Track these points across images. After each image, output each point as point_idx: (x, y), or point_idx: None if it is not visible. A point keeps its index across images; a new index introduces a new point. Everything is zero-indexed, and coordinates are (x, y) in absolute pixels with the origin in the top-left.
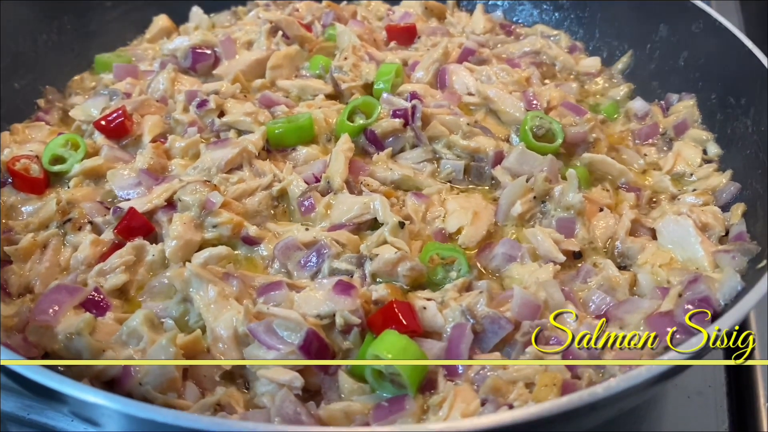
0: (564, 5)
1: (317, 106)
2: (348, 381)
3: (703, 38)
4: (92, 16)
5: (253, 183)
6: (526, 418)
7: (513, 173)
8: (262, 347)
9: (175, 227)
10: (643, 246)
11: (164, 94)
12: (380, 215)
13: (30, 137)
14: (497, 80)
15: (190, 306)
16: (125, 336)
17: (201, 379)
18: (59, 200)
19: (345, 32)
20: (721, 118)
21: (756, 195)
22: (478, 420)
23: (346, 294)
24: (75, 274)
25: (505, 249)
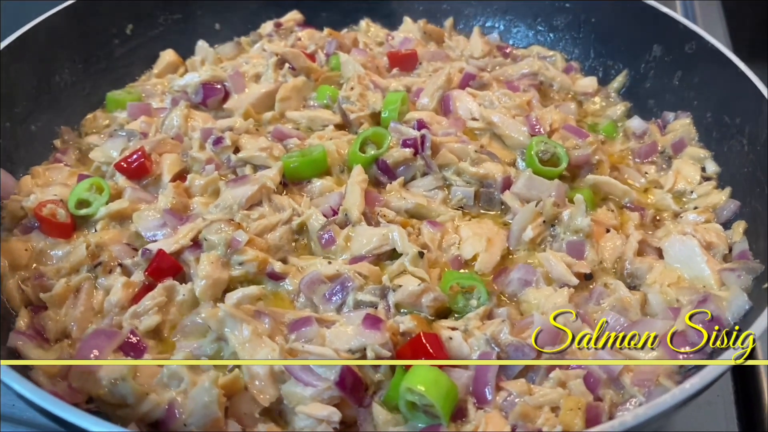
0: (558, 26)
1: (328, 137)
2: (382, 413)
3: (696, 58)
4: (101, 54)
5: (274, 218)
6: None
7: (522, 198)
8: (299, 384)
9: (204, 267)
10: (651, 266)
11: (179, 131)
12: (399, 246)
13: (51, 180)
14: (500, 105)
15: (224, 344)
16: (166, 378)
17: (241, 416)
18: (88, 244)
19: (349, 62)
20: (717, 136)
21: (755, 213)
22: None
23: (375, 328)
24: (110, 317)
25: (520, 274)
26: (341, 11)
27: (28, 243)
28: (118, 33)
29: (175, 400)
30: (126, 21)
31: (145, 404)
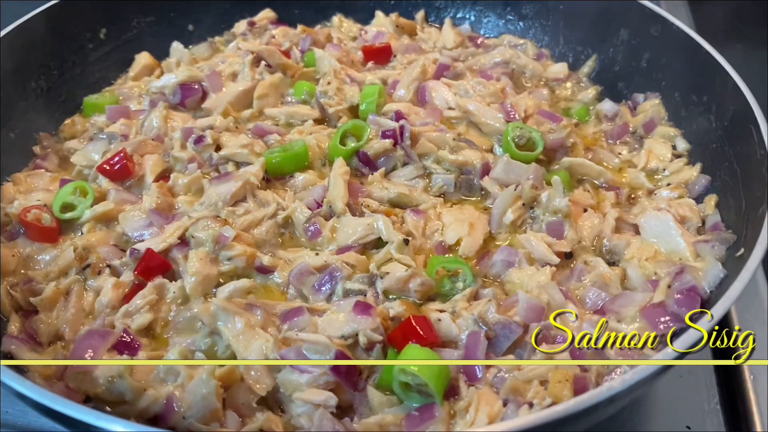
0: (528, 15)
1: (308, 132)
2: (377, 395)
3: (662, 41)
4: (75, 60)
5: (259, 213)
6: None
7: (501, 183)
8: (295, 372)
9: (193, 264)
10: (628, 242)
11: (159, 132)
12: (384, 234)
13: (33, 186)
14: (474, 93)
15: (218, 338)
16: (162, 373)
17: (239, 406)
18: (75, 247)
19: (324, 57)
20: (686, 115)
21: (726, 186)
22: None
23: (366, 314)
24: (102, 317)
25: (503, 256)
26: (313, 8)
27: (14, 249)
28: (91, 38)
29: (173, 395)
30: (99, 25)
31: (144, 400)
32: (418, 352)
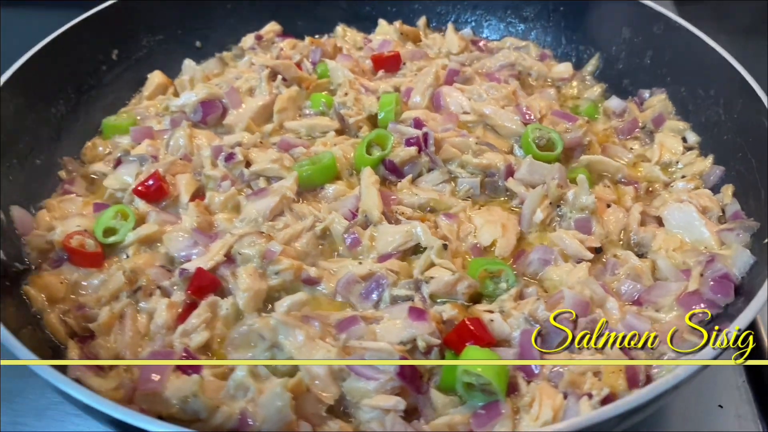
0: (529, 17)
1: (332, 143)
2: (440, 397)
3: (665, 38)
4: (91, 82)
5: (298, 226)
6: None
7: (526, 183)
8: (361, 379)
9: (243, 280)
10: (654, 234)
11: (185, 151)
12: (423, 240)
13: (67, 211)
14: (488, 97)
15: (278, 351)
16: (233, 390)
17: (309, 416)
18: (124, 270)
19: (337, 68)
20: (693, 109)
21: (740, 175)
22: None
23: (421, 319)
24: (159, 338)
25: (539, 254)
26: (316, 19)
27: (61, 276)
28: (105, 59)
29: (245, 410)
30: (111, 46)
31: (218, 417)
32: (480, 353)
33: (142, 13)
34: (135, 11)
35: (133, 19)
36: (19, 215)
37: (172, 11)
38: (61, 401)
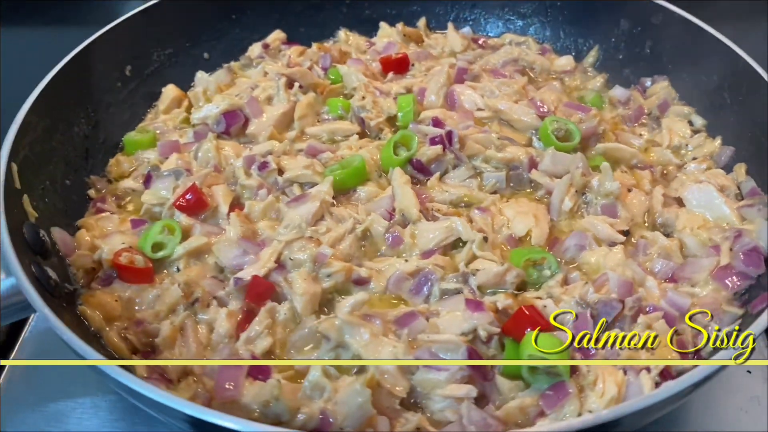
0: (526, 13)
1: (357, 146)
2: (505, 382)
3: (664, 28)
4: (109, 99)
5: (340, 229)
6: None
7: (550, 174)
8: (432, 371)
9: (299, 284)
10: (676, 214)
11: (215, 162)
12: (463, 234)
13: (105, 230)
14: (500, 93)
15: (342, 351)
16: (309, 390)
17: (384, 410)
18: (178, 283)
19: (350, 72)
20: (697, 94)
21: (751, 155)
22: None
23: (479, 310)
24: (223, 348)
25: (575, 240)
26: (318, 25)
27: (114, 294)
28: (119, 76)
29: (325, 409)
30: (125, 63)
31: (299, 418)
32: (542, 339)
33: (150, 28)
34: (144, 26)
35: (142, 34)
36: (61, 237)
37: (178, 24)
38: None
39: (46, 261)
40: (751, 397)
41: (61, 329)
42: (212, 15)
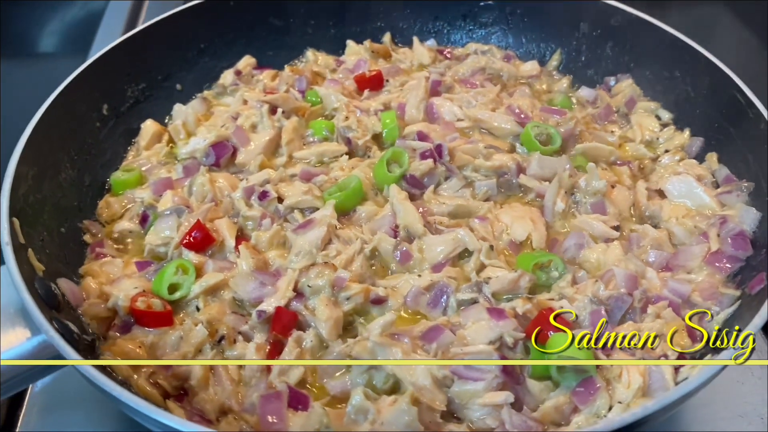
0: (487, 22)
1: (349, 167)
2: (535, 384)
3: (623, 29)
4: (90, 141)
5: (350, 251)
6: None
7: (538, 178)
8: (468, 382)
9: (322, 310)
10: (661, 206)
11: (211, 195)
12: (470, 245)
13: (111, 275)
14: (477, 103)
15: (374, 372)
16: (353, 415)
17: (428, 425)
18: (200, 323)
19: (329, 94)
20: (661, 89)
21: (720, 143)
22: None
23: (502, 318)
24: (257, 382)
25: (574, 240)
26: (285, 47)
27: (136, 340)
28: (97, 116)
29: (373, 431)
30: (100, 102)
31: None
32: (564, 338)
33: (122, 64)
34: (116, 63)
35: (115, 71)
36: (68, 287)
37: (148, 58)
38: None
39: (61, 314)
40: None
41: (102, 379)
42: (180, 46)
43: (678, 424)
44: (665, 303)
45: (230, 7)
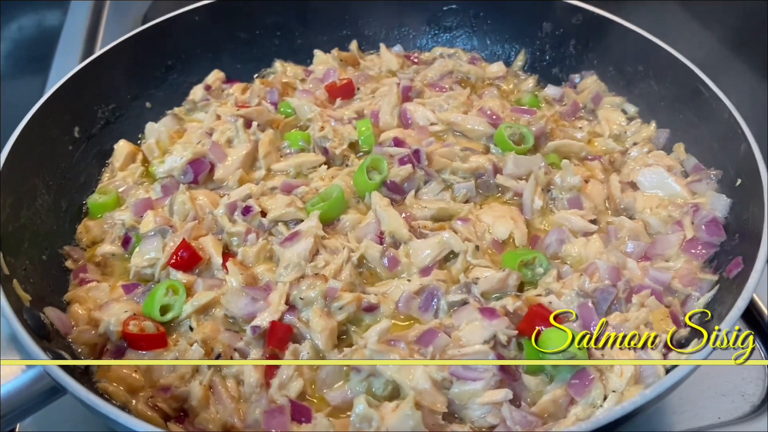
0: (451, 26)
1: (329, 176)
2: (531, 379)
3: (585, 27)
4: (64, 165)
5: (338, 260)
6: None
7: (514, 177)
8: (467, 382)
9: (317, 322)
10: (634, 197)
11: (193, 213)
12: (455, 246)
13: (98, 300)
14: (449, 106)
15: (373, 379)
16: (358, 423)
17: (431, 428)
18: (194, 342)
19: (302, 104)
20: (624, 84)
21: (687, 134)
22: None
23: (495, 317)
24: (257, 398)
25: (555, 236)
26: (252, 59)
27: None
28: (70, 139)
29: None
30: (72, 125)
31: None
32: (556, 333)
33: (90, 86)
34: (84, 85)
35: (83, 93)
36: (56, 316)
37: (117, 78)
38: None
39: (51, 343)
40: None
41: (104, 406)
42: (148, 64)
43: (662, 403)
44: (648, 292)
45: (196, 22)
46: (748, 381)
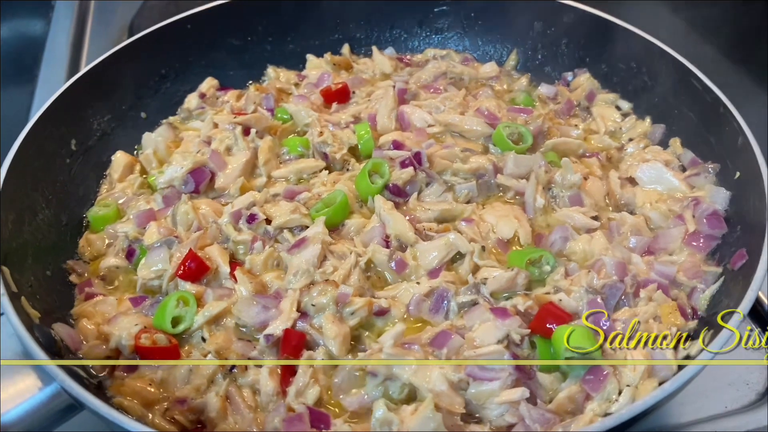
0: (442, 28)
1: (331, 181)
2: (546, 377)
3: (576, 25)
4: (63, 179)
5: (346, 265)
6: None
7: (515, 176)
8: (484, 382)
9: (330, 328)
10: (634, 193)
11: (197, 223)
12: (462, 247)
13: (106, 315)
14: (445, 107)
15: (389, 383)
16: (379, 427)
17: (451, 428)
18: (208, 353)
19: (299, 110)
20: (617, 81)
21: (681, 129)
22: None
23: (507, 317)
24: (274, 406)
25: (559, 234)
26: (245, 66)
27: (145, 378)
28: (67, 152)
29: None
30: (69, 137)
31: None
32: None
33: (85, 98)
34: (79, 97)
35: (79, 105)
36: (65, 332)
37: (111, 89)
38: None
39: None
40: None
41: (126, 421)
42: (141, 74)
43: None
44: (654, 286)
45: (188, 30)
46: (752, 370)
